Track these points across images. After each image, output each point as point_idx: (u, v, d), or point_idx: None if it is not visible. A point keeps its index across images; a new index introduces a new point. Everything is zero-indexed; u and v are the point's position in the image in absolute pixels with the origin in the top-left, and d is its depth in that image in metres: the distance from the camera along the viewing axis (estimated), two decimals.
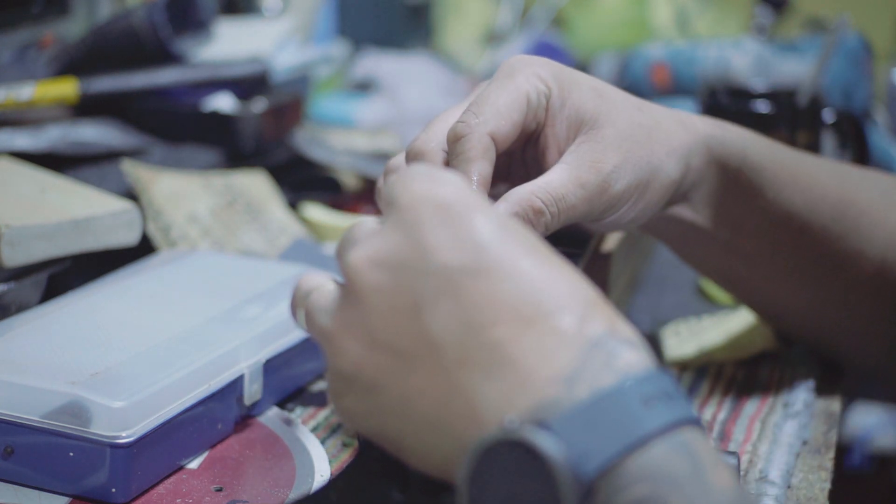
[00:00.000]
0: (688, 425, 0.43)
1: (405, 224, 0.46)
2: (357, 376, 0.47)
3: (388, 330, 0.46)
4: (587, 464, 0.41)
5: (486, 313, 0.44)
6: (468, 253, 0.45)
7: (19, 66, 1.02)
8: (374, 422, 0.48)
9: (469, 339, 0.44)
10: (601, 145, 0.59)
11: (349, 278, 0.47)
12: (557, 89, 0.60)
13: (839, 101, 1.22)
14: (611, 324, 0.45)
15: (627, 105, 0.61)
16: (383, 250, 0.47)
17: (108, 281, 0.72)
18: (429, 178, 0.47)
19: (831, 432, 0.67)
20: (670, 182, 0.63)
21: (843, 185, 0.69)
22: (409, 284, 0.46)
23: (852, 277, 0.69)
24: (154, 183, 0.85)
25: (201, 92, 1.00)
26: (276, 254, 0.86)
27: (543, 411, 0.42)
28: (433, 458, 0.46)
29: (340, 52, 1.39)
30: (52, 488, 0.57)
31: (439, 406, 0.45)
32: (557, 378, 0.43)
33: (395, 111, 1.31)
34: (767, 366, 0.76)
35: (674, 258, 0.93)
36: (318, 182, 1.04)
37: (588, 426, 0.42)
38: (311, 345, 0.70)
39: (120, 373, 0.58)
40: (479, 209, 0.46)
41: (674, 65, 1.33)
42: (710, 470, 0.42)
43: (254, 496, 0.58)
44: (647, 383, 0.43)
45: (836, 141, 0.95)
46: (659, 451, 0.41)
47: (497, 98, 0.58)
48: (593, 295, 0.46)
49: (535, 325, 0.44)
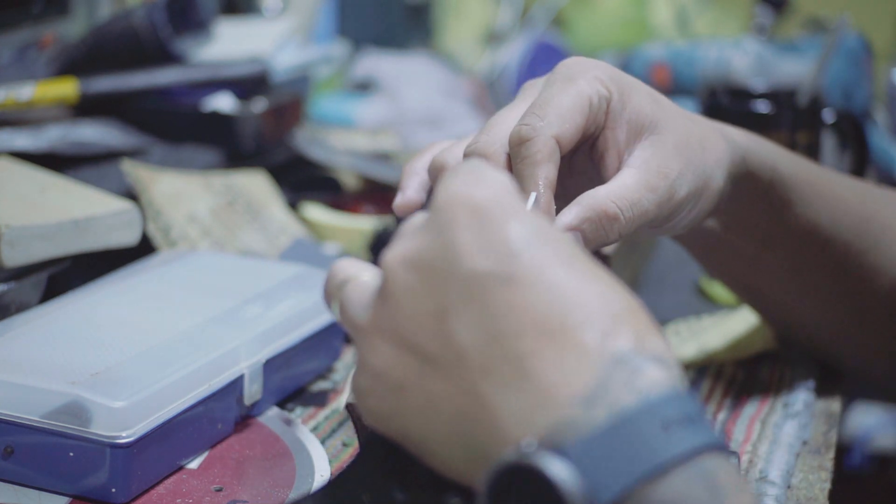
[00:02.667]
0: (709, 451, 0.41)
1: (438, 225, 0.46)
2: (385, 376, 0.47)
3: (416, 332, 0.45)
4: (602, 493, 0.40)
5: (512, 323, 0.43)
6: (498, 259, 0.44)
7: (19, 66, 1.02)
8: (398, 423, 0.47)
9: (493, 349, 0.44)
10: (665, 151, 0.59)
11: (384, 276, 0.47)
12: (618, 94, 0.59)
13: (839, 101, 1.22)
14: (638, 338, 0.43)
15: (681, 115, 0.61)
16: (416, 250, 0.46)
17: (108, 281, 0.72)
18: (470, 179, 0.46)
19: (831, 432, 0.67)
20: (718, 190, 0.62)
21: (865, 202, 0.69)
22: (437, 287, 0.45)
23: (870, 294, 0.70)
24: (154, 183, 0.85)
25: (201, 92, 1.00)
26: (276, 254, 0.86)
27: (561, 433, 0.41)
28: (455, 463, 0.46)
29: (340, 52, 1.39)
30: (52, 488, 0.57)
31: (462, 413, 0.44)
32: (576, 397, 0.42)
33: (395, 111, 1.31)
34: (767, 366, 0.76)
35: (674, 258, 0.93)
36: (318, 182, 1.04)
37: (604, 453, 0.41)
38: (312, 345, 0.70)
39: (120, 373, 0.58)
40: (515, 214, 0.45)
41: (674, 65, 1.33)
42: (730, 497, 0.40)
43: (254, 496, 0.58)
44: (669, 406, 0.41)
45: (836, 141, 0.95)
46: (677, 480, 0.40)
47: (560, 101, 0.57)
48: (625, 305, 0.44)
49: (558, 339, 0.43)
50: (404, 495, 0.48)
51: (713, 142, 0.62)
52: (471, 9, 1.72)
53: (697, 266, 0.92)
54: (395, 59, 1.44)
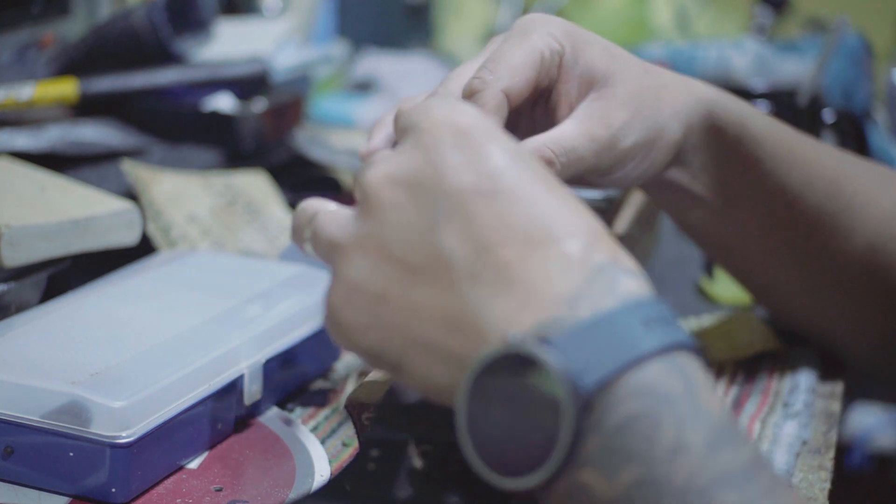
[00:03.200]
0: (684, 350, 0.44)
1: (424, 145, 0.48)
2: (364, 288, 0.48)
3: (401, 244, 0.47)
4: (586, 378, 0.42)
5: (497, 234, 0.46)
6: (483, 176, 0.47)
7: (19, 66, 1.02)
8: (374, 335, 0.48)
9: (478, 258, 0.46)
10: (612, 102, 0.61)
11: (366, 194, 0.49)
12: (571, 48, 0.62)
13: (839, 101, 1.22)
14: (614, 254, 0.46)
15: (636, 67, 0.63)
16: (402, 169, 0.48)
17: (108, 281, 0.72)
18: (450, 106, 0.49)
19: (831, 432, 0.67)
20: (674, 142, 0.65)
21: (840, 166, 0.71)
22: (424, 202, 0.47)
23: (843, 256, 0.70)
24: (154, 183, 0.85)
25: (201, 92, 1.00)
26: (276, 254, 0.86)
27: (546, 329, 0.43)
28: (432, 375, 0.47)
29: (340, 52, 1.39)
30: (52, 488, 0.57)
31: (445, 320, 0.46)
32: (561, 298, 0.44)
33: (389, 109, 1.30)
34: (767, 366, 0.76)
35: (674, 258, 0.93)
36: (318, 182, 1.04)
37: (588, 344, 0.43)
38: (312, 345, 0.70)
39: (120, 373, 0.58)
40: (497, 137, 0.48)
41: (674, 65, 1.33)
42: (702, 392, 0.43)
43: (254, 496, 0.58)
44: (647, 307, 0.44)
45: (836, 141, 0.95)
46: (654, 369, 0.43)
47: (512, 55, 0.60)
48: (599, 227, 0.47)
49: (543, 248, 0.45)
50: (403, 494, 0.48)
51: (672, 93, 0.64)
52: (471, 9, 1.72)
53: (697, 266, 0.92)
54: (395, 59, 1.44)
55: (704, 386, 0.44)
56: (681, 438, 0.42)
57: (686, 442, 0.42)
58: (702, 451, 0.42)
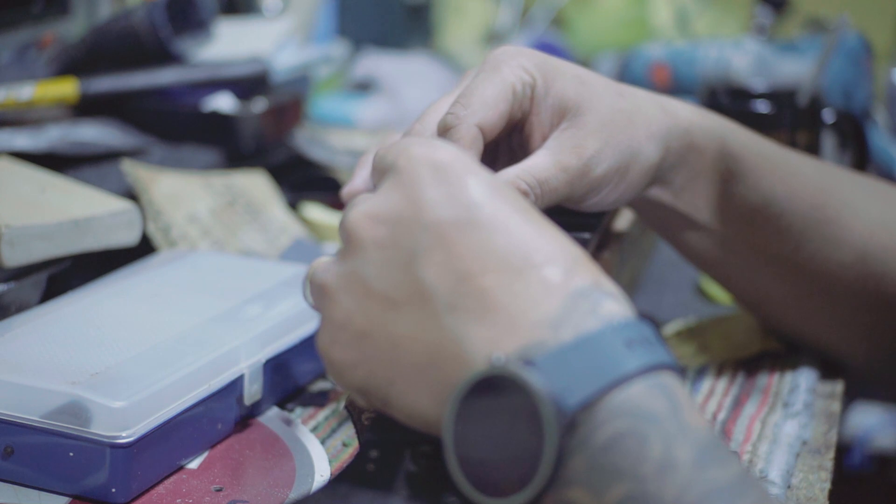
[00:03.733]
0: (667, 370, 0.45)
1: (403, 183, 0.49)
2: (348, 326, 0.49)
3: (383, 280, 0.48)
4: (569, 398, 0.43)
5: (477, 263, 0.46)
6: (462, 208, 0.48)
7: (19, 66, 1.02)
8: (361, 371, 0.49)
9: (459, 287, 0.46)
10: (583, 131, 0.62)
11: (348, 233, 0.50)
12: (542, 79, 0.62)
13: (839, 101, 1.22)
14: (595, 278, 0.47)
15: (609, 91, 0.64)
16: (382, 207, 0.49)
17: (108, 281, 0.72)
18: (427, 144, 0.50)
19: (831, 432, 0.67)
20: (650, 165, 0.65)
21: (824, 178, 0.71)
22: (404, 238, 0.48)
23: (834, 266, 0.70)
24: (154, 183, 0.85)
25: (201, 92, 1.00)
26: (276, 254, 0.86)
27: (529, 352, 0.44)
28: (419, 406, 0.48)
29: (340, 52, 1.39)
30: (52, 488, 0.57)
31: (428, 351, 0.47)
32: (543, 322, 0.45)
33: (395, 111, 1.31)
34: (767, 366, 0.76)
35: (674, 258, 0.93)
36: (318, 182, 1.04)
37: (571, 365, 0.43)
38: (312, 345, 0.70)
39: (120, 373, 0.58)
40: (474, 171, 0.49)
41: (674, 65, 1.33)
42: (686, 410, 0.44)
43: (254, 496, 0.58)
44: (630, 329, 0.45)
45: (836, 141, 0.95)
46: (638, 389, 0.43)
47: (484, 90, 0.60)
48: (579, 253, 0.48)
49: (523, 275, 0.46)
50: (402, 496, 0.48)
51: (647, 116, 0.64)
52: (471, 9, 1.72)
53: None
54: (395, 59, 1.44)
55: (689, 404, 0.44)
56: (668, 456, 0.42)
57: (674, 459, 0.42)
58: (690, 467, 0.42)
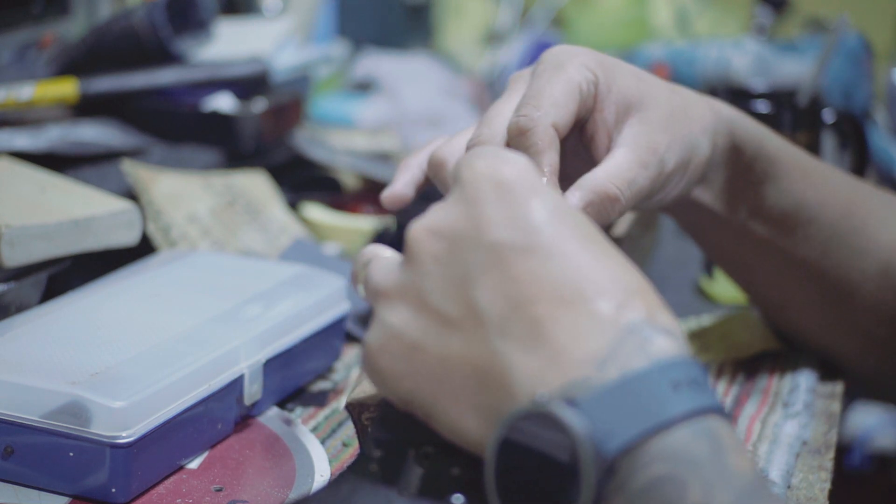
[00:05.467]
0: (713, 413, 0.44)
1: (465, 199, 0.48)
2: (402, 336, 0.49)
3: (438, 296, 0.48)
4: (610, 442, 0.42)
5: (531, 290, 0.46)
6: (521, 231, 0.47)
7: (19, 66, 1.02)
8: (408, 384, 0.49)
9: (511, 313, 0.46)
10: (651, 127, 0.62)
11: (409, 244, 0.50)
12: (604, 77, 0.62)
13: (839, 101, 1.22)
14: (650, 312, 0.46)
15: (664, 88, 0.64)
16: (443, 221, 0.49)
17: (108, 281, 0.72)
18: (494, 157, 0.49)
19: (831, 432, 0.67)
20: (705, 159, 0.65)
21: (852, 189, 0.72)
22: (462, 255, 0.48)
23: (856, 276, 0.71)
24: (154, 183, 0.85)
25: (201, 92, 1.00)
26: (276, 254, 0.86)
27: (574, 390, 0.43)
28: (462, 426, 0.47)
29: (340, 52, 1.39)
30: (52, 488, 0.57)
31: (476, 373, 0.46)
32: (590, 359, 0.44)
33: (395, 111, 1.31)
34: (767, 366, 0.76)
35: (674, 258, 0.93)
36: (318, 182, 1.04)
37: (615, 406, 0.43)
38: (312, 345, 0.70)
39: (120, 373, 0.58)
40: (538, 191, 0.48)
41: (674, 65, 1.33)
42: (730, 455, 0.43)
43: (254, 496, 0.58)
44: (677, 369, 0.44)
45: (836, 141, 0.95)
46: (681, 434, 0.43)
47: (553, 90, 0.60)
48: (637, 283, 0.47)
49: (574, 307, 0.45)
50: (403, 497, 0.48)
51: (698, 111, 0.65)
52: (471, 9, 1.72)
53: (697, 266, 0.92)
54: (395, 59, 1.44)
55: (733, 448, 0.43)
56: (708, 501, 0.41)
57: None
58: None
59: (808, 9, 1.52)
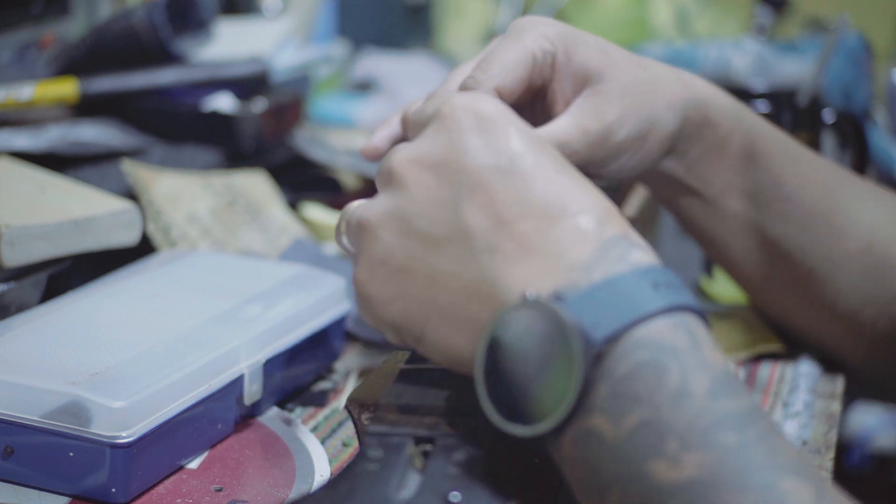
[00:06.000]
0: (690, 312, 0.47)
1: (447, 129, 0.51)
2: (388, 261, 0.51)
3: (424, 218, 0.50)
4: (597, 332, 0.45)
5: (516, 209, 0.49)
6: (504, 156, 0.50)
7: (19, 66, 1.02)
8: (397, 307, 0.51)
9: (498, 230, 0.49)
10: (605, 98, 0.64)
11: (392, 175, 0.52)
12: (563, 48, 0.64)
13: (839, 101, 1.22)
14: (624, 230, 0.49)
15: (630, 62, 0.66)
16: (425, 151, 0.51)
17: (108, 281, 0.72)
18: (470, 95, 0.52)
19: (831, 432, 0.67)
20: (668, 134, 0.67)
21: (834, 173, 0.72)
22: (447, 180, 0.50)
23: (839, 254, 0.71)
24: (154, 183, 0.85)
25: (201, 92, 1.00)
26: (276, 254, 0.86)
27: (562, 292, 0.46)
28: (452, 343, 0.50)
29: (340, 52, 1.39)
30: (52, 488, 0.57)
31: (465, 289, 0.49)
32: (576, 266, 0.47)
33: (394, 111, 1.30)
34: (767, 366, 0.76)
35: (674, 258, 0.93)
36: (318, 182, 1.04)
37: (600, 302, 0.46)
38: (312, 345, 0.70)
39: (120, 373, 0.58)
40: (515, 122, 0.51)
41: (674, 65, 1.32)
42: (706, 347, 0.46)
43: (254, 496, 0.58)
44: (656, 273, 0.47)
45: (836, 141, 0.95)
46: (661, 324, 0.46)
47: (504, 56, 0.62)
48: (610, 206, 0.50)
49: (560, 222, 0.48)
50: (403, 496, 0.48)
51: (667, 86, 0.67)
52: (471, 9, 1.72)
53: (697, 266, 0.92)
54: (395, 59, 1.44)
55: (708, 342, 0.46)
56: (685, 385, 0.44)
57: (689, 389, 0.44)
58: (704, 397, 0.44)
59: (808, 9, 1.52)
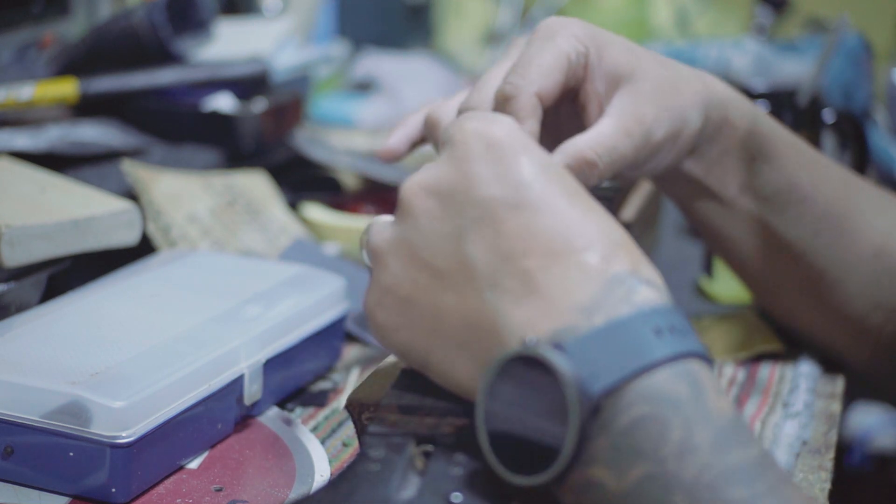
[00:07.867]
0: (695, 358, 0.46)
1: (456, 157, 0.50)
2: (395, 290, 0.51)
3: (430, 250, 0.50)
4: (595, 383, 0.44)
5: (520, 244, 0.48)
6: (511, 187, 0.49)
7: (19, 66, 1.02)
8: (403, 335, 0.51)
9: (501, 266, 0.48)
10: (640, 98, 0.63)
11: (402, 202, 0.52)
12: (594, 48, 0.63)
13: (839, 101, 1.22)
14: (633, 265, 0.48)
15: (654, 61, 0.65)
16: (434, 179, 0.51)
17: (108, 281, 0.72)
18: (483, 119, 0.51)
19: (831, 432, 0.67)
20: (695, 131, 0.67)
21: (847, 178, 0.72)
22: (453, 211, 0.50)
23: (850, 258, 0.71)
24: (154, 183, 0.85)
25: (201, 92, 1.00)
26: (276, 254, 0.86)
27: (561, 335, 0.45)
28: (455, 373, 0.50)
29: (340, 52, 1.39)
30: (52, 488, 0.57)
31: (467, 324, 0.49)
32: (577, 307, 0.46)
33: (395, 111, 1.31)
34: (767, 366, 0.76)
35: (674, 258, 0.93)
36: (318, 182, 1.04)
37: (600, 350, 0.45)
38: (312, 345, 0.70)
39: (120, 373, 0.58)
40: (527, 149, 0.50)
41: None
42: (710, 396, 0.45)
43: (254, 496, 0.58)
44: (659, 316, 0.46)
45: (836, 141, 0.95)
46: (663, 375, 0.45)
47: (541, 59, 0.61)
48: (621, 238, 0.49)
49: (563, 260, 0.47)
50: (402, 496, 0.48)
51: (690, 85, 0.66)
52: (471, 9, 1.72)
53: (697, 266, 0.92)
54: (395, 59, 1.44)
55: (712, 390, 0.45)
56: (688, 439, 0.44)
57: (693, 442, 0.44)
58: (709, 450, 0.44)
59: (808, 9, 1.53)
